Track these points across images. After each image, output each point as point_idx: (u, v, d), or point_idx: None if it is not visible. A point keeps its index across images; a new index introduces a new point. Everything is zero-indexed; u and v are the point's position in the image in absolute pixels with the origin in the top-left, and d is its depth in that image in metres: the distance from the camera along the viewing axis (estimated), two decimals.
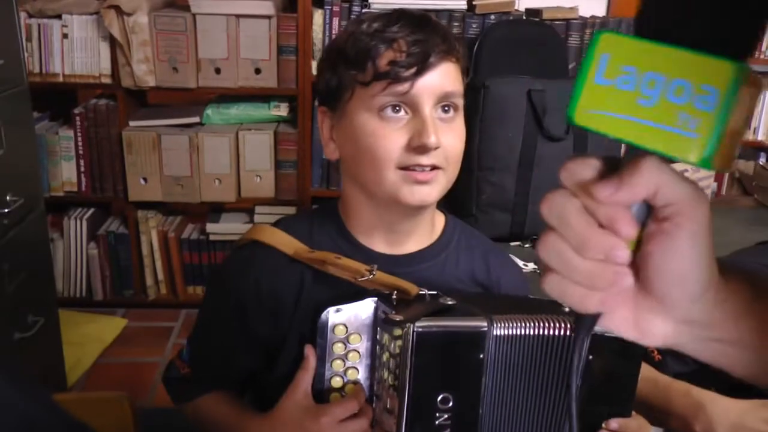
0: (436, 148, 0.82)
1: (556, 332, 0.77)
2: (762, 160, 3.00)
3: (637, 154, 0.39)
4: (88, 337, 2.43)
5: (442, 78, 0.84)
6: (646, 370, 1.04)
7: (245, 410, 0.96)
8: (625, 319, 0.43)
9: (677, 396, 0.98)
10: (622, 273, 0.41)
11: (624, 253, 0.40)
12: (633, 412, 0.84)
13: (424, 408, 0.75)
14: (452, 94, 0.85)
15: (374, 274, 0.86)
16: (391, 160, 0.83)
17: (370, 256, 0.90)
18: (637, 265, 0.41)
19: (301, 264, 0.90)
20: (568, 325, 0.77)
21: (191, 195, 2.54)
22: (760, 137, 2.96)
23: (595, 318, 0.43)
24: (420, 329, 0.74)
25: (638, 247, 0.41)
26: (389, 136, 0.83)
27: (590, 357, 0.77)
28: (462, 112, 0.88)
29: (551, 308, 0.79)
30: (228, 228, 2.64)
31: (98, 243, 2.60)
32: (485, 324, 0.75)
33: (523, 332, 0.76)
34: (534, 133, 1.63)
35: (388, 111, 0.83)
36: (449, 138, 0.84)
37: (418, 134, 0.82)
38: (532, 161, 1.63)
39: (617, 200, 0.39)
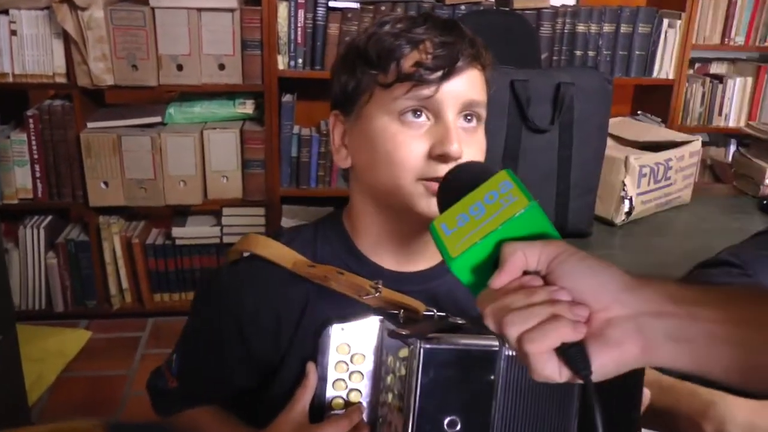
0: (458, 157, 0.76)
1: None
2: (732, 147, 3.01)
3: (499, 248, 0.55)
4: (49, 352, 2.33)
5: (468, 85, 0.79)
6: (649, 373, 1.00)
7: (237, 425, 0.92)
8: (604, 362, 0.52)
9: (684, 396, 0.94)
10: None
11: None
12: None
13: (431, 431, 0.70)
14: (477, 103, 0.80)
15: (380, 292, 0.81)
16: (410, 169, 0.78)
17: (377, 273, 0.85)
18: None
19: (305, 280, 0.84)
20: None
21: (155, 198, 2.45)
22: (731, 124, 2.97)
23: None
24: (428, 346, 0.69)
25: None
26: (409, 143, 0.78)
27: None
28: (483, 123, 0.83)
29: None
30: (195, 232, 2.57)
31: (57, 252, 2.49)
32: (497, 343, 0.71)
33: None
34: (518, 124, 1.57)
35: (409, 115, 0.78)
36: (471, 150, 0.79)
37: (440, 142, 0.76)
38: (516, 153, 1.57)
39: (511, 286, 0.53)
